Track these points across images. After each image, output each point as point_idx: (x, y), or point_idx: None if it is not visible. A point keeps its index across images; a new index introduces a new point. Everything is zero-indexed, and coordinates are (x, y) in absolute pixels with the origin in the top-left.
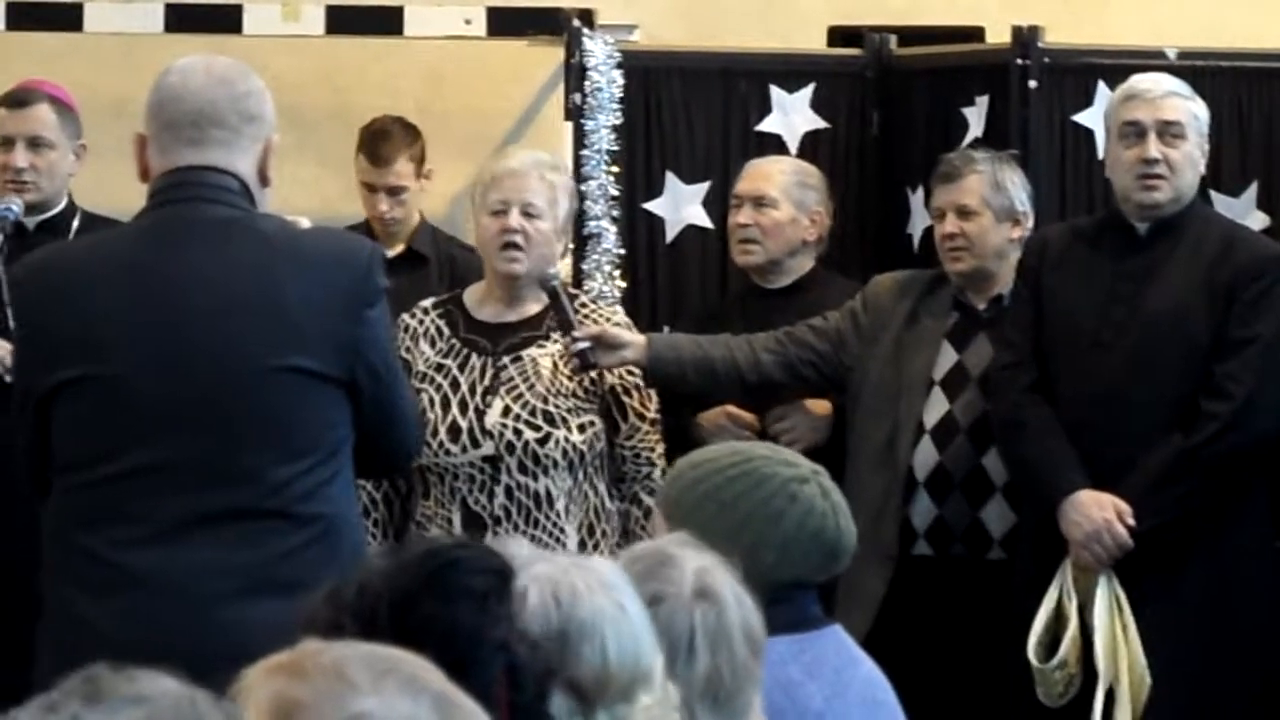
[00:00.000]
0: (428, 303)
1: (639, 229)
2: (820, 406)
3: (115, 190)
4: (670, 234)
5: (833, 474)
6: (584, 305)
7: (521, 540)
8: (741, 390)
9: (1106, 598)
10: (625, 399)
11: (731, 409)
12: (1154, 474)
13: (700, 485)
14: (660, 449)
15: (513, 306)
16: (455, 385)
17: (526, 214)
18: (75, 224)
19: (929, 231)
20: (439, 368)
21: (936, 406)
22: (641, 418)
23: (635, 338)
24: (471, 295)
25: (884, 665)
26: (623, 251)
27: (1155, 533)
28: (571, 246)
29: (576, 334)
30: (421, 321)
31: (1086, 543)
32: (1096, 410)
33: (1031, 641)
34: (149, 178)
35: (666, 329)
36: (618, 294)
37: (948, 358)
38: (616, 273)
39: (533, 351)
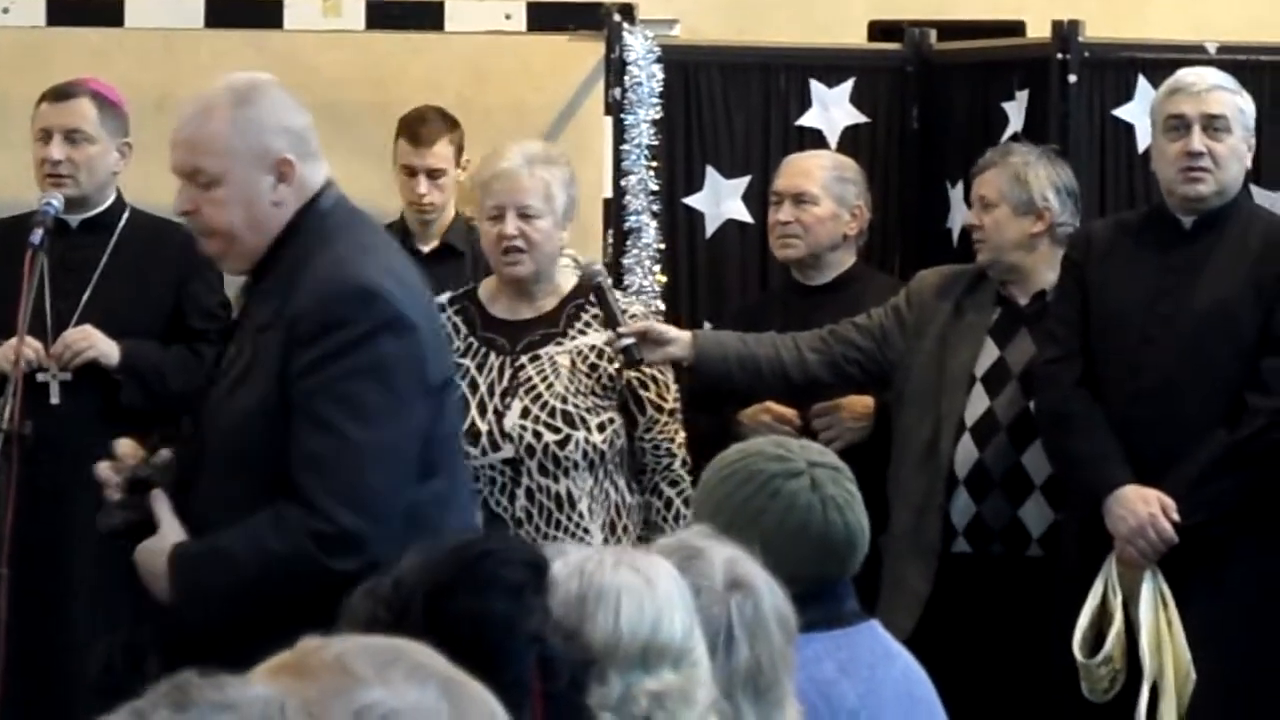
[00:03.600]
0: (444, 299)
1: (679, 224)
2: (860, 404)
3: (157, 186)
4: (710, 229)
5: (875, 470)
6: (634, 316)
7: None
8: (786, 388)
9: (1151, 593)
10: (642, 392)
11: (772, 405)
12: (1199, 469)
13: (704, 486)
14: (680, 439)
15: (527, 303)
16: (474, 386)
17: (524, 215)
18: (123, 221)
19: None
20: (457, 367)
21: (977, 403)
22: (659, 409)
23: (681, 334)
24: (485, 290)
25: (925, 661)
26: (663, 246)
27: (1200, 528)
28: (611, 242)
29: (622, 330)
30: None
31: (1131, 538)
32: (1144, 405)
33: (1076, 637)
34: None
35: (707, 324)
36: (657, 289)
37: (990, 354)
38: (656, 268)
39: (550, 350)
